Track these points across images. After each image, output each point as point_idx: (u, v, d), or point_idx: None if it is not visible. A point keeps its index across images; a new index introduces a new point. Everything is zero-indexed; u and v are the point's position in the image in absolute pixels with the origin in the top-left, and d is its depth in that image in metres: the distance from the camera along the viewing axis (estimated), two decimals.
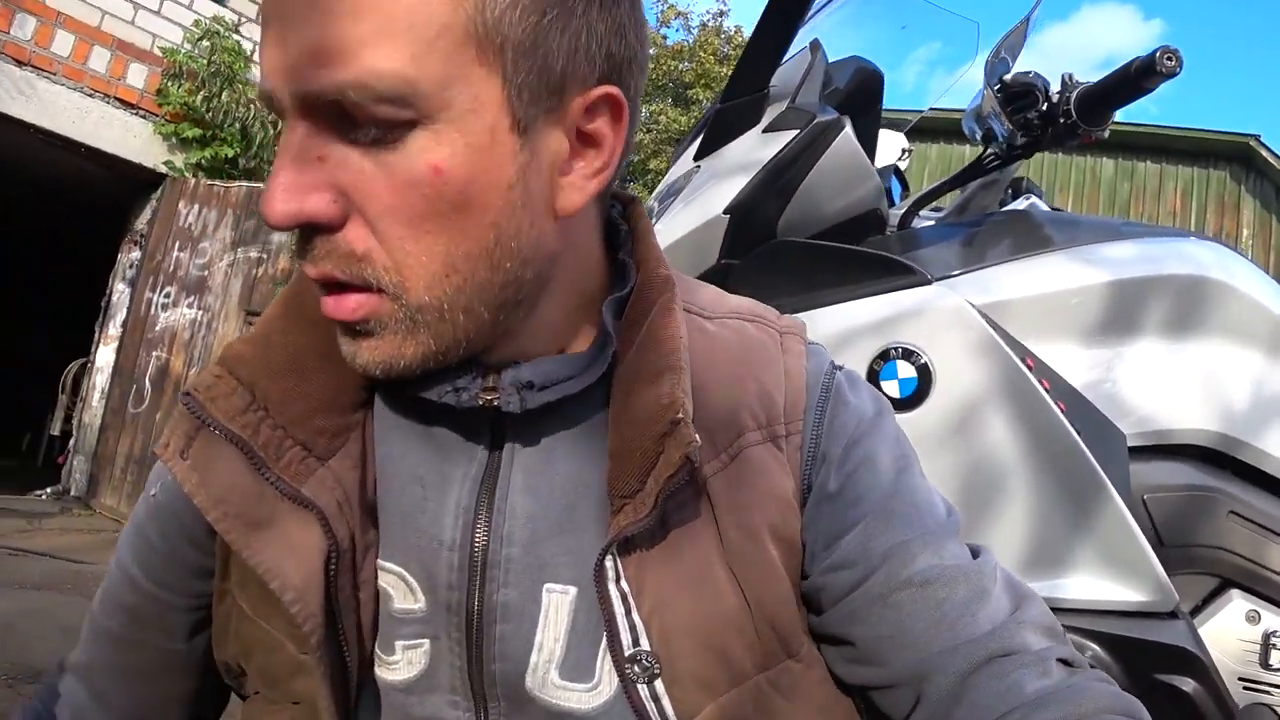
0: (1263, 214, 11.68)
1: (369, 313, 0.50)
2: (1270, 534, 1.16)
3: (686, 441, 0.53)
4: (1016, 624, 0.57)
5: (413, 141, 0.47)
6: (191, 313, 4.89)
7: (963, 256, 1.23)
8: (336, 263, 0.49)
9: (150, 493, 0.64)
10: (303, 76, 0.46)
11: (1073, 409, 1.12)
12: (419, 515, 0.58)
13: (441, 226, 0.49)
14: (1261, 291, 1.25)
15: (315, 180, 0.47)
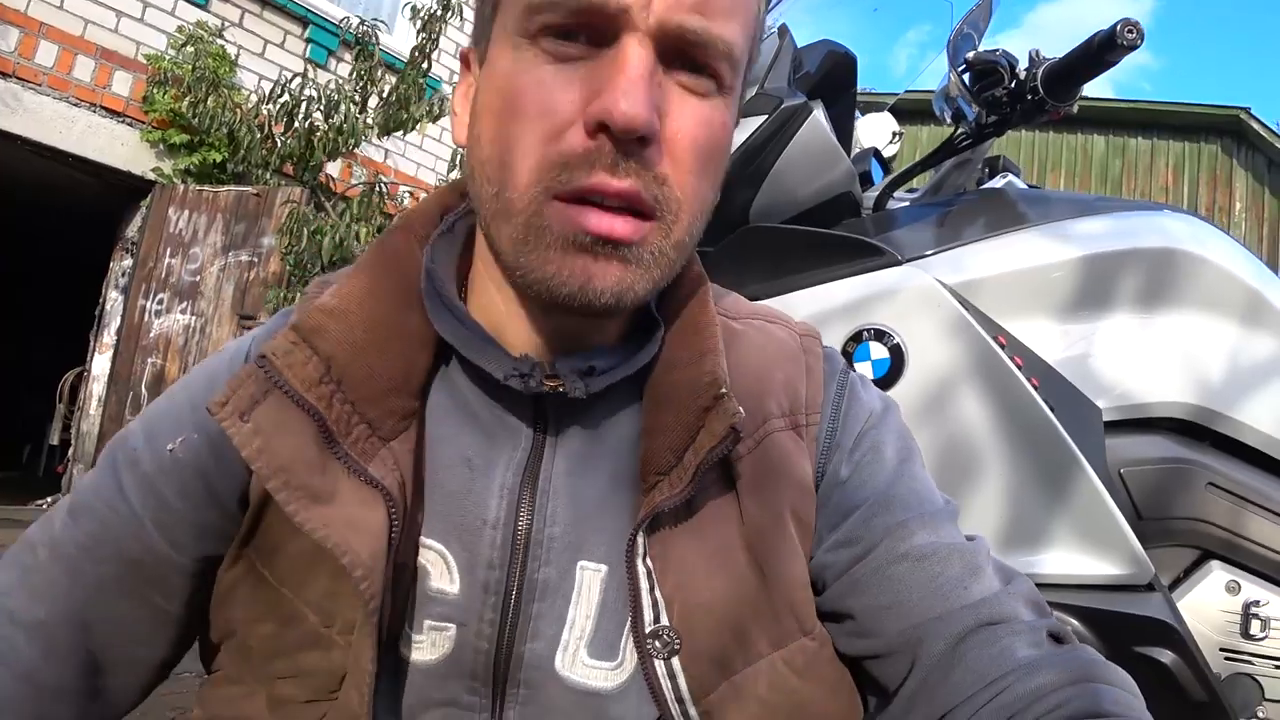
0: (1255, 186, 11.66)
1: (642, 237, 0.53)
2: (1249, 504, 1.17)
3: (731, 413, 0.56)
4: (1008, 595, 0.58)
5: (716, 101, 0.55)
6: (185, 318, 4.88)
7: (936, 236, 1.24)
8: (645, 181, 0.52)
9: (168, 447, 0.62)
10: (683, 12, 0.51)
11: (1047, 385, 1.12)
12: (465, 495, 0.59)
13: (710, 174, 0.57)
14: (1235, 263, 1.26)
15: (651, 98, 0.51)
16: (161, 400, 0.67)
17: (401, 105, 4.73)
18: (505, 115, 0.53)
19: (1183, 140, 12.05)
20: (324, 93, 4.61)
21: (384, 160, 5.97)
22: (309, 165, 4.78)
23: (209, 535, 0.62)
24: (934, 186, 1.51)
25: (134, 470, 0.62)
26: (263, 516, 0.59)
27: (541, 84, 0.52)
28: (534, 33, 0.52)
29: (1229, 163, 11.81)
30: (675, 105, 0.53)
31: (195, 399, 0.64)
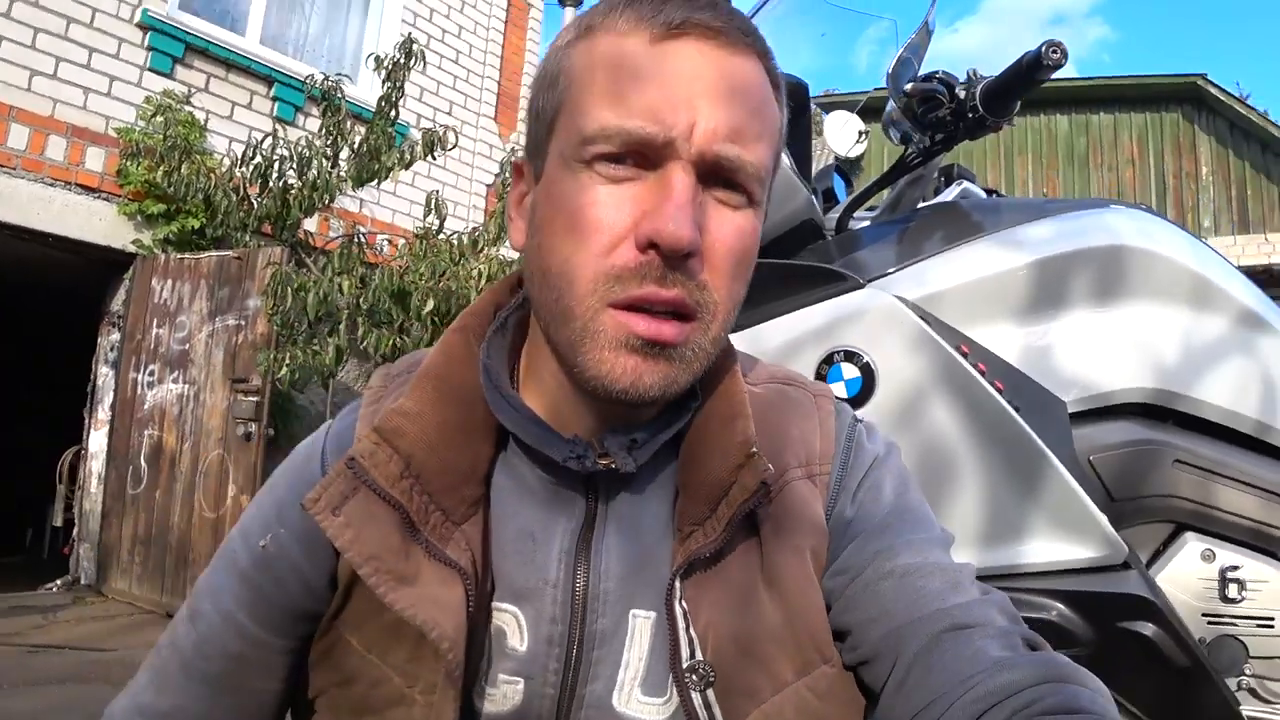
0: (1219, 149, 11.80)
1: (686, 337, 0.61)
2: (1215, 476, 1.24)
3: (762, 470, 0.63)
4: (983, 603, 0.64)
5: (747, 213, 0.63)
6: (178, 387, 4.92)
7: (896, 253, 1.31)
8: (690, 289, 0.60)
9: (260, 544, 0.71)
10: (720, 143, 0.60)
11: (1011, 386, 1.19)
12: (529, 563, 0.67)
13: (740, 276, 0.64)
14: (1181, 251, 1.33)
15: (692, 217, 0.59)
16: (252, 505, 0.76)
17: (373, 155, 4.80)
18: (564, 231, 0.61)
19: (1144, 112, 12.20)
20: (296, 150, 4.67)
21: (359, 210, 6.03)
22: (287, 223, 4.83)
23: (302, 618, 0.71)
24: (892, 203, 1.58)
25: (234, 569, 0.72)
26: (351, 594, 0.67)
27: (596, 204, 0.60)
28: (589, 159, 0.60)
29: (1191, 129, 11.96)
30: (713, 219, 0.61)
31: (280, 499, 0.73)
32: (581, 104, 0.62)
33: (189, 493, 4.74)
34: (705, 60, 0.61)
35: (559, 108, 0.64)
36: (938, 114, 1.34)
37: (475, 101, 7.17)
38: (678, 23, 0.61)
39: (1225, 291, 1.31)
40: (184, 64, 5.32)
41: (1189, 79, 11.70)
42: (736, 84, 0.61)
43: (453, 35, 7.04)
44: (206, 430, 4.75)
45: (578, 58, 0.64)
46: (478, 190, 7.06)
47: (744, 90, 0.62)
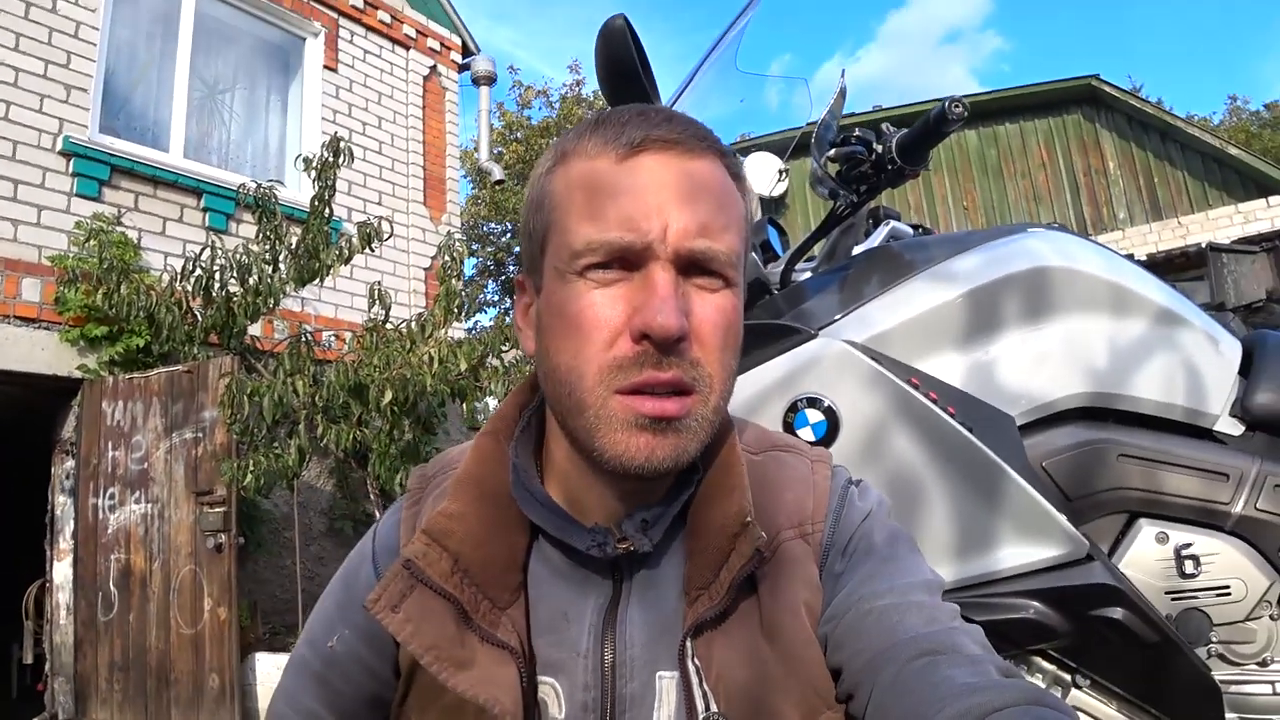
0: (1121, 144, 12.29)
1: (686, 411, 0.68)
2: (1157, 464, 1.35)
3: (756, 538, 0.70)
4: (955, 632, 0.67)
5: (725, 293, 0.70)
6: (141, 508, 4.86)
7: (840, 301, 1.41)
8: (685, 369, 0.67)
9: (328, 645, 0.80)
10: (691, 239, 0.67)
11: (962, 409, 1.30)
12: (564, 639, 0.74)
13: (731, 348, 0.71)
14: (1096, 265, 1.45)
15: (680, 307, 0.66)
16: (314, 613, 0.85)
17: (312, 254, 4.84)
18: (567, 333, 0.69)
19: (1046, 117, 12.69)
20: (235, 259, 4.71)
21: (302, 309, 6.04)
22: (233, 332, 4.84)
23: (375, 704, 0.80)
24: (828, 253, 1.69)
25: (305, 672, 0.82)
26: (413, 681, 0.76)
27: (593, 306, 0.68)
28: (580, 270, 0.68)
29: (1093, 128, 12.45)
30: (697, 303, 0.69)
31: (340, 602, 0.83)
32: (566, 223, 0.70)
33: (164, 612, 4.67)
34: (667, 169, 0.69)
35: (547, 228, 0.72)
36: (860, 169, 1.46)
37: (403, 189, 7.25)
38: (638, 140, 0.69)
39: (1141, 295, 1.43)
40: (111, 185, 5.33)
41: (1084, 80, 12.21)
42: (698, 184, 0.69)
43: (373, 127, 7.13)
44: (175, 547, 4.69)
45: (557, 182, 0.72)
46: (416, 275, 7.12)
47: (706, 189, 0.69)
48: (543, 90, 20.11)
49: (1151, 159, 12.03)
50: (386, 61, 7.42)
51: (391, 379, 4.38)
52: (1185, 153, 11.81)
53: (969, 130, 12.74)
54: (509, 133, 19.61)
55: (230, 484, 4.40)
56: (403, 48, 7.58)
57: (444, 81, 7.94)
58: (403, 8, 7.62)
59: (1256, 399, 1.39)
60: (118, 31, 5.71)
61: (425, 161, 7.51)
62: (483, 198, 19.79)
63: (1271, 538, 1.30)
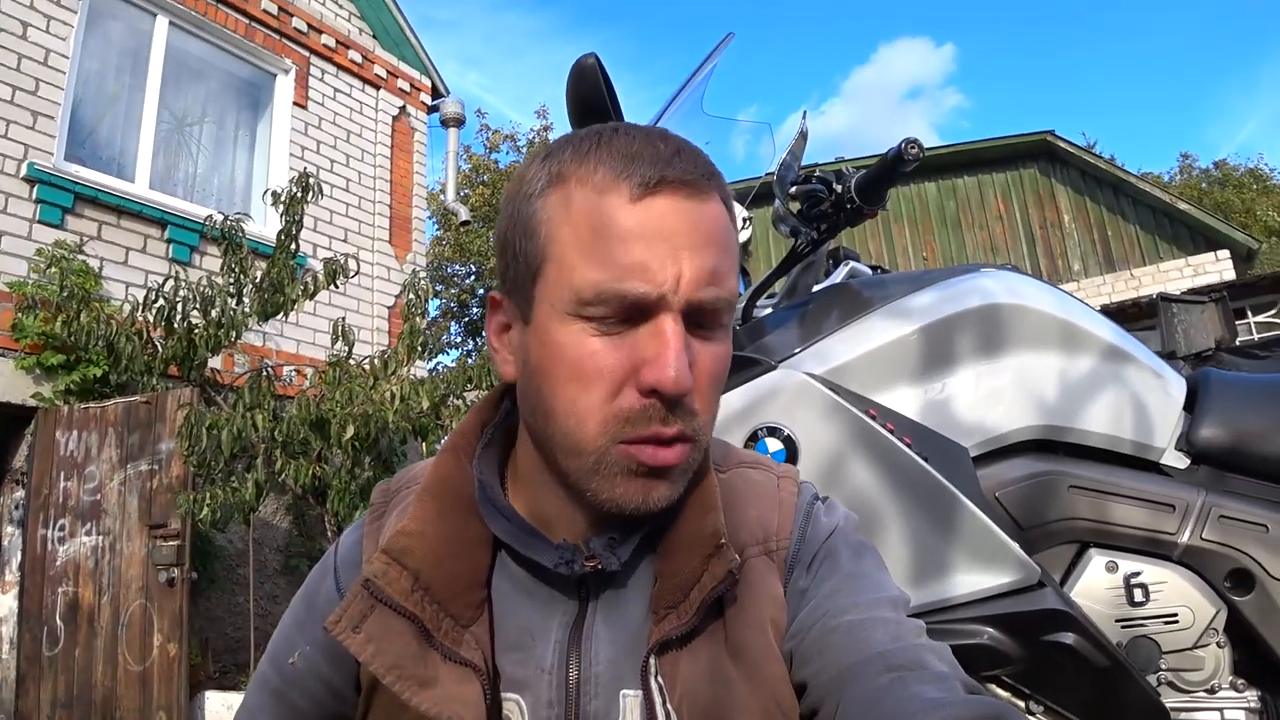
0: (1076, 198, 12.63)
1: (686, 457, 0.69)
2: (1107, 495, 1.39)
3: (729, 560, 0.70)
4: (922, 649, 0.67)
5: (721, 336, 0.70)
6: (92, 540, 4.76)
7: (800, 335, 1.45)
8: (688, 422, 0.68)
9: (289, 661, 0.80)
10: (701, 288, 0.66)
11: (918, 440, 1.33)
12: (529, 655, 0.73)
13: (720, 392, 0.72)
14: (1047, 303, 1.50)
15: (688, 360, 0.66)
16: (276, 630, 0.84)
17: (276, 289, 4.83)
18: (567, 378, 0.67)
19: (1004, 171, 13.02)
20: (199, 290, 4.68)
21: (264, 344, 6.01)
22: (194, 364, 4.80)
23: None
24: (789, 290, 1.74)
25: (266, 689, 0.81)
26: (373, 700, 0.75)
27: (595, 354, 0.66)
28: (583, 314, 0.66)
29: (1048, 182, 12.79)
30: (698, 354, 0.68)
31: (301, 618, 0.82)
32: (570, 260, 0.66)
33: (111, 647, 4.56)
34: (681, 214, 0.66)
35: (543, 259, 0.68)
36: (820, 208, 1.51)
37: (369, 227, 7.26)
38: (653, 181, 0.66)
39: (1089, 332, 1.48)
40: (74, 214, 5.29)
41: (1040, 136, 12.57)
42: (710, 230, 0.67)
43: (341, 164, 7.16)
44: (126, 581, 4.60)
45: (554, 209, 0.68)
46: (380, 314, 7.10)
47: (715, 234, 0.68)
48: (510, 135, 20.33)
49: (1105, 213, 12.37)
50: (356, 100, 7.47)
51: (353, 414, 4.36)
52: (1137, 207, 12.17)
53: (929, 182, 13.04)
54: (475, 175, 19.75)
55: (185, 517, 4.33)
56: (373, 87, 7.64)
57: (413, 122, 8.00)
58: (374, 48, 7.69)
59: (1201, 433, 1.44)
60: (87, 61, 5.71)
61: (392, 200, 7.53)
62: (447, 239, 19.85)
63: (1217, 567, 1.34)
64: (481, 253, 19.24)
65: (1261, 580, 1.33)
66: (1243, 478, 1.43)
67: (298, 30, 6.95)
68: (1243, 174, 28.66)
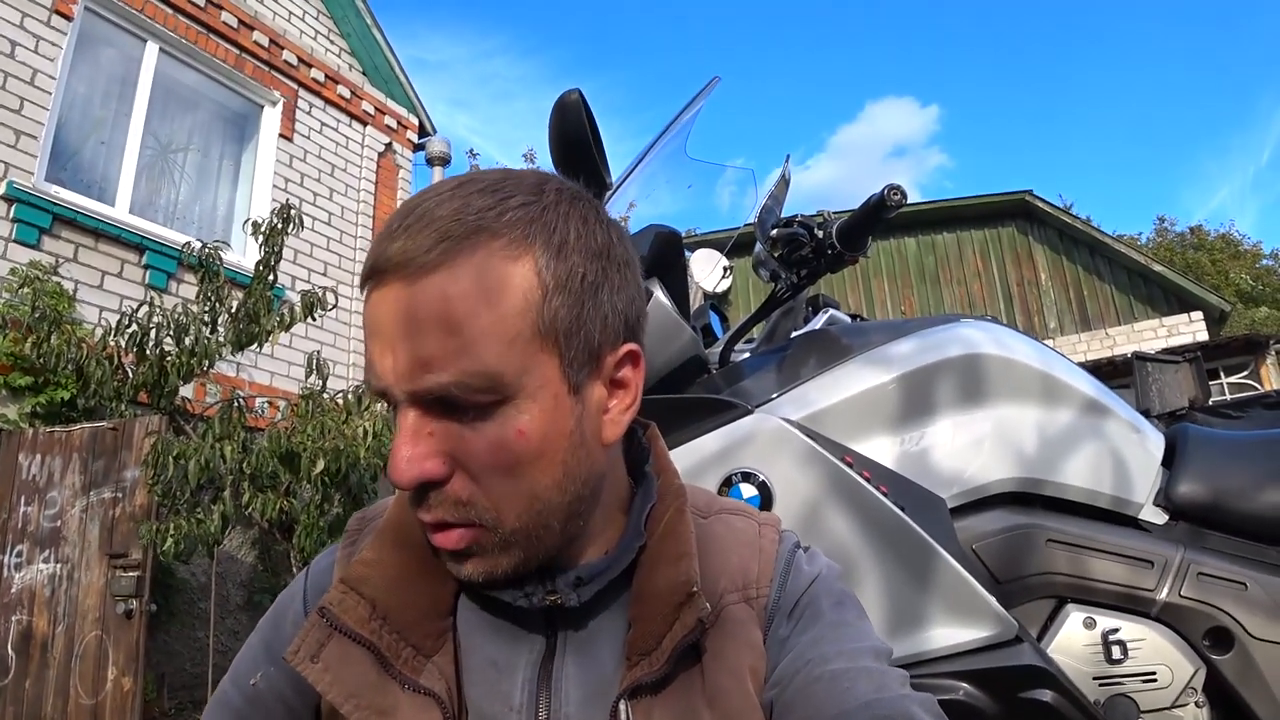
0: (1053, 256, 12.80)
1: (470, 542, 0.66)
2: (1085, 550, 1.37)
3: (700, 608, 0.68)
4: (908, 699, 0.66)
5: (501, 414, 0.63)
6: (49, 567, 4.64)
7: (778, 380, 1.43)
8: (447, 509, 0.65)
9: (250, 682, 0.77)
10: (415, 379, 0.62)
11: (895, 489, 1.31)
12: (495, 691, 0.71)
13: (525, 471, 0.65)
14: (1027, 355, 1.50)
15: (428, 450, 0.63)
16: (242, 650, 0.82)
17: (252, 319, 4.78)
18: None
19: (983, 228, 13.19)
20: (173, 317, 4.62)
21: (237, 374, 5.94)
22: (164, 391, 4.73)
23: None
24: (768, 335, 1.73)
25: (227, 709, 0.78)
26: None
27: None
28: None
29: (1026, 241, 12.97)
30: (463, 440, 0.64)
31: (266, 640, 0.80)
32: None
33: (63, 679, 4.43)
34: (392, 303, 0.63)
35: None
36: (801, 253, 1.50)
37: (350, 262, 7.24)
38: (368, 271, 0.65)
39: (1070, 385, 1.48)
40: (51, 234, 5.23)
41: (1018, 195, 12.76)
42: (411, 317, 0.62)
43: (324, 198, 7.15)
44: (82, 611, 4.48)
45: None
46: (356, 349, 7.05)
47: (422, 319, 0.62)
48: None
49: (1081, 272, 12.54)
50: (343, 135, 7.49)
51: (324, 449, 4.30)
52: (1113, 267, 12.35)
53: (908, 237, 13.19)
54: None
55: (147, 547, 4.24)
56: (360, 123, 7.67)
57: (398, 159, 8.02)
58: (363, 84, 7.73)
59: (1179, 489, 1.43)
60: (75, 82, 5.70)
61: (373, 236, 7.49)
62: None
63: (1196, 625, 1.32)
64: None
65: (1240, 639, 1.31)
66: (1221, 535, 1.42)
67: (287, 63, 6.97)
68: (1215, 238, 29.27)
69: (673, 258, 1.64)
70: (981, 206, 13.10)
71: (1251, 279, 26.43)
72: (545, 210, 0.67)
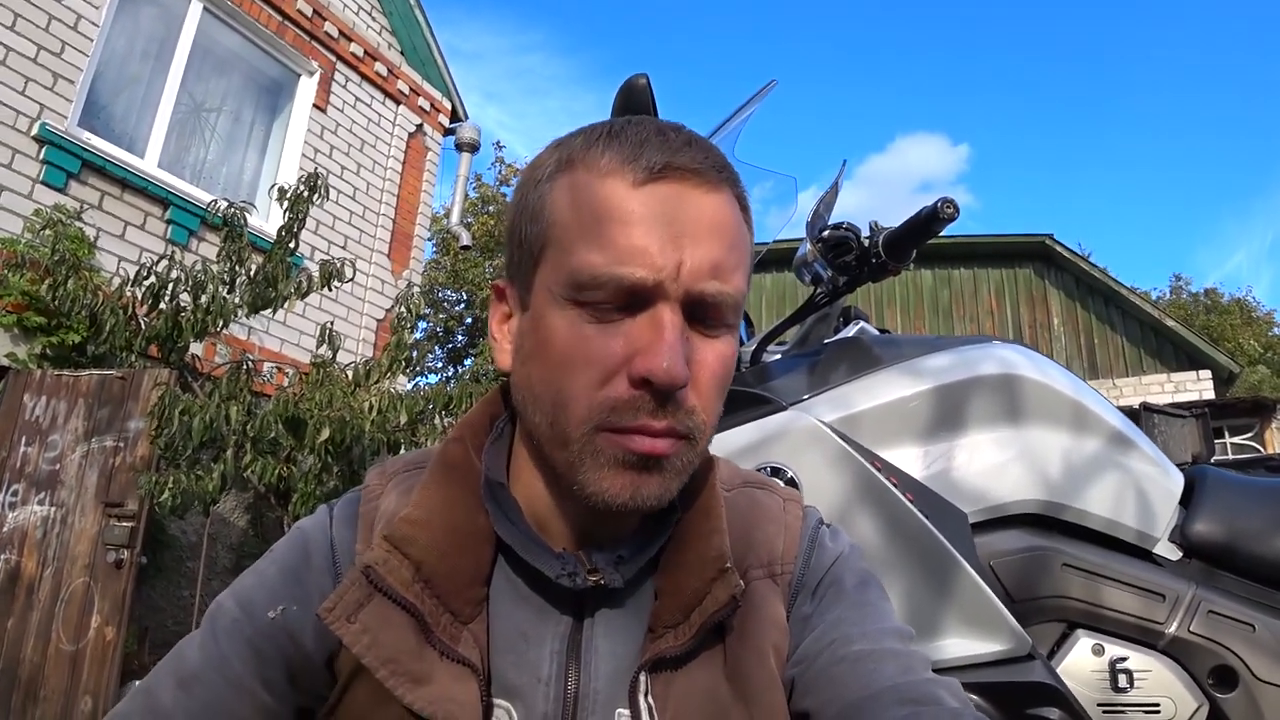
0: (1067, 302, 12.81)
1: (679, 452, 0.66)
2: (1099, 578, 1.38)
3: (734, 584, 0.68)
4: (934, 683, 0.67)
5: (726, 336, 0.68)
6: (43, 509, 4.65)
7: (811, 382, 1.44)
8: (682, 417, 0.65)
9: (269, 614, 0.72)
10: (704, 280, 0.64)
11: (920, 498, 1.32)
12: (522, 661, 0.70)
13: (723, 395, 0.69)
14: (1059, 381, 1.51)
15: (684, 354, 0.63)
16: (250, 575, 0.76)
17: (269, 283, 4.79)
18: (556, 365, 0.65)
19: (1000, 268, 13.21)
20: (192, 273, 4.63)
21: (249, 338, 5.95)
22: (176, 346, 4.74)
23: (302, 688, 0.73)
24: (801, 339, 1.74)
25: (238, 636, 0.72)
26: (351, 688, 0.69)
27: (588, 340, 0.64)
28: (578, 299, 0.64)
29: (1042, 284, 12.98)
30: (699, 349, 0.65)
31: (288, 574, 0.75)
32: (568, 244, 0.65)
33: (46, 623, 4.43)
34: (685, 201, 0.64)
35: (545, 243, 0.67)
36: (846, 258, 1.51)
37: (370, 238, 7.26)
38: (659, 167, 0.64)
39: (1099, 415, 1.49)
40: (79, 180, 5.26)
41: (1039, 238, 12.78)
42: (715, 221, 0.65)
43: (351, 172, 7.17)
44: (72, 556, 4.48)
45: (559, 194, 0.67)
46: (368, 325, 7.07)
47: (722, 226, 0.66)
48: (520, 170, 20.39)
49: (1094, 321, 12.56)
50: (375, 112, 7.51)
51: (331, 417, 4.30)
52: (1126, 319, 12.36)
53: (925, 270, 13.20)
54: (482, 205, 19.79)
55: (144, 498, 4.24)
56: (394, 101, 7.69)
57: (428, 141, 8.05)
58: (400, 64, 7.75)
59: (1196, 527, 1.44)
60: (117, 32, 5.72)
61: (396, 215, 7.54)
62: (444, 264, 19.82)
63: (1202, 661, 1.33)
64: (475, 282, 19.22)
65: (1245, 680, 1.31)
66: (1233, 576, 1.42)
67: (328, 35, 7.00)
68: (1229, 302, 29.28)
69: None
70: (1001, 245, 13.12)
71: (1261, 347, 26.44)
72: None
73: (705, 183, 0.65)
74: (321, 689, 0.73)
